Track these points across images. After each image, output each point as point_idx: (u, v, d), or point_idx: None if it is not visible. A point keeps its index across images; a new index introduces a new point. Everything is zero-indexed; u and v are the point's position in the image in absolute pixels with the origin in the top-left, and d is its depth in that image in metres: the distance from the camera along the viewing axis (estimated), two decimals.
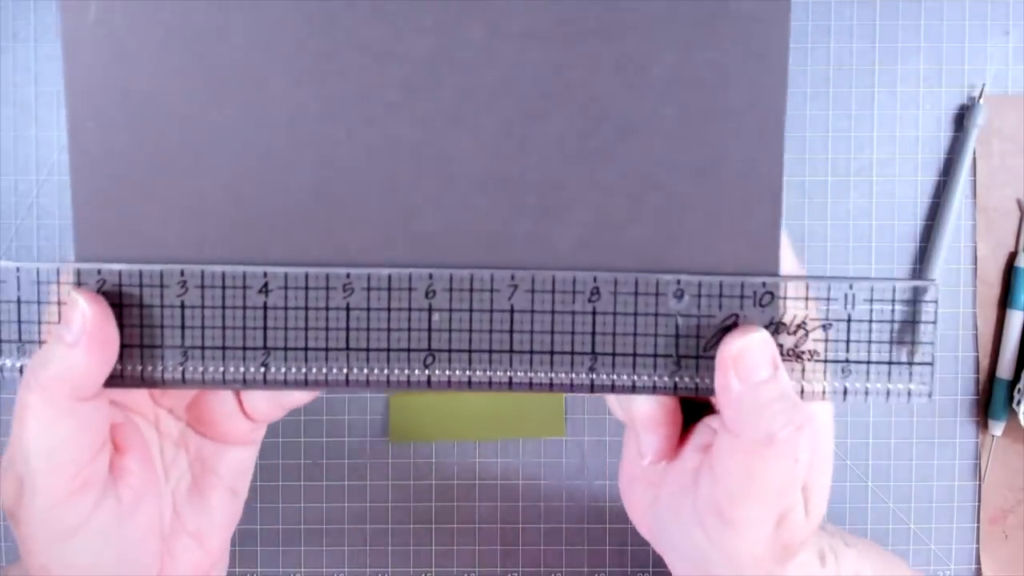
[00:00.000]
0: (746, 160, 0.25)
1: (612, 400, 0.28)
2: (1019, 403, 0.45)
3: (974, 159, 0.46)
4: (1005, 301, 0.46)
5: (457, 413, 0.46)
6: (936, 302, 0.25)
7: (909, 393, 0.25)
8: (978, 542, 0.46)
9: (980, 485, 0.46)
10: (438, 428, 0.46)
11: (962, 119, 0.46)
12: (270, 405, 0.27)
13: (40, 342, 0.25)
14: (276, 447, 0.46)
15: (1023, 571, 0.46)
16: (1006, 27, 0.46)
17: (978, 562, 0.46)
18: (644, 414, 0.26)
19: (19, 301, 0.25)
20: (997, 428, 0.46)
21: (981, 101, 0.45)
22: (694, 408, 0.28)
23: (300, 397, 0.27)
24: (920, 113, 0.46)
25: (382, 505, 0.46)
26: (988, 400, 0.46)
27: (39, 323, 0.25)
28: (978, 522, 0.47)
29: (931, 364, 0.25)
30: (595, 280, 0.25)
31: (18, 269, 0.25)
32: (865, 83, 0.46)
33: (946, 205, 0.46)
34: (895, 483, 0.47)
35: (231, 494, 0.29)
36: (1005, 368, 0.45)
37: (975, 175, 0.46)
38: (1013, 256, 0.46)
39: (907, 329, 0.25)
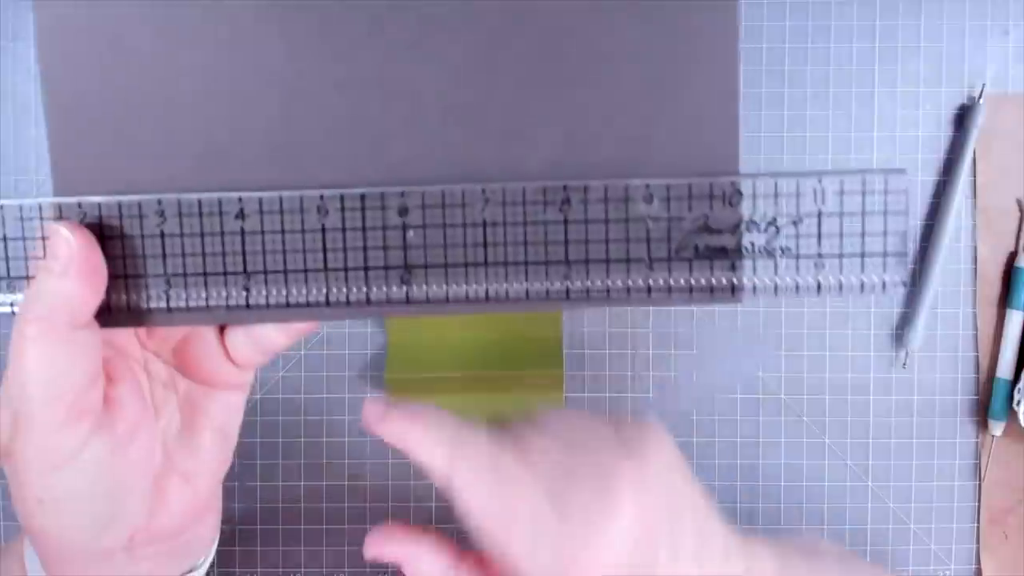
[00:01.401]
0: (705, 76, 0.25)
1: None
2: (1019, 403, 0.45)
3: (974, 159, 0.46)
4: (1005, 301, 0.46)
5: (457, 413, 0.46)
6: (906, 191, 0.25)
7: (884, 284, 0.25)
8: (978, 542, 0.47)
9: (980, 485, 0.46)
10: None
11: (962, 119, 0.46)
12: (252, 349, 0.28)
13: (28, 277, 0.25)
14: (276, 447, 0.46)
15: (1023, 571, 0.46)
16: (1006, 27, 0.46)
17: (978, 562, 0.46)
18: None
19: (4, 239, 0.25)
20: (997, 428, 0.46)
21: (981, 101, 0.45)
22: None
23: (279, 340, 0.27)
24: (920, 113, 0.46)
25: (382, 505, 0.46)
26: (988, 400, 0.46)
27: (25, 259, 0.25)
28: (978, 522, 0.47)
29: (905, 254, 0.25)
30: (565, 189, 0.25)
31: (1, 207, 0.25)
32: (865, 83, 0.46)
33: (946, 205, 0.46)
34: (895, 483, 0.47)
35: (222, 436, 0.29)
36: (1005, 368, 0.45)
37: (975, 175, 0.46)
38: (1013, 256, 0.46)
39: (878, 219, 0.25)
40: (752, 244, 0.25)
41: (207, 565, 0.32)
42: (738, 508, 0.47)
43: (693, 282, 0.25)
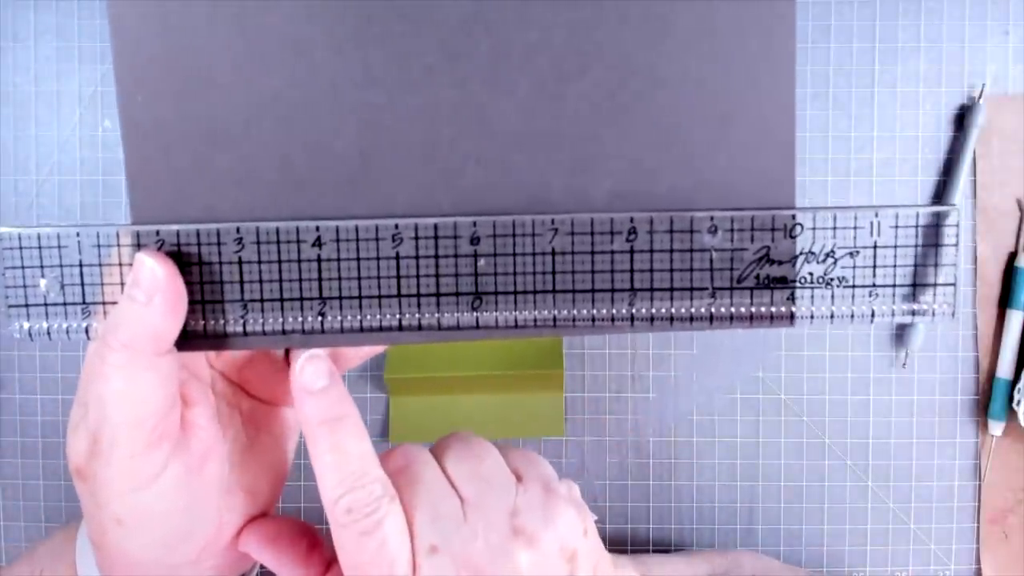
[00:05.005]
0: (761, 105, 0.26)
1: None
2: (1019, 403, 0.45)
3: (974, 159, 0.46)
4: (1005, 301, 0.46)
5: (457, 413, 0.46)
6: (957, 225, 0.26)
7: (933, 312, 0.26)
8: (978, 542, 0.47)
9: (980, 485, 0.46)
10: (438, 428, 0.46)
11: (962, 119, 0.46)
12: None
13: (104, 303, 0.26)
14: None
15: (1023, 571, 0.46)
16: (1006, 27, 0.46)
17: (978, 562, 0.46)
18: None
19: (81, 265, 0.26)
20: (997, 428, 0.46)
21: (981, 101, 0.45)
22: None
23: (346, 360, 0.28)
24: (920, 113, 0.46)
25: None
26: (988, 400, 0.46)
27: (102, 285, 0.26)
28: (978, 522, 0.47)
29: (953, 285, 0.26)
30: (632, 220, 0.26)
31: (78, 234, 0.26)
32: (865, 83, 0.46)
33: None
34: (895, 483, 0.47)
35: (282, 452, 0.30)
36: (1005, 368, 0.45)
37: (975, 175, 0.46)
38: (1013, 256, 0.46)
39: (930, 253, 0.26)
40: (811, 274, 0.26)
41: (256, 571, 0.32)
42: (738, 508, 0.47)
43: (754, 310, 0.26)
